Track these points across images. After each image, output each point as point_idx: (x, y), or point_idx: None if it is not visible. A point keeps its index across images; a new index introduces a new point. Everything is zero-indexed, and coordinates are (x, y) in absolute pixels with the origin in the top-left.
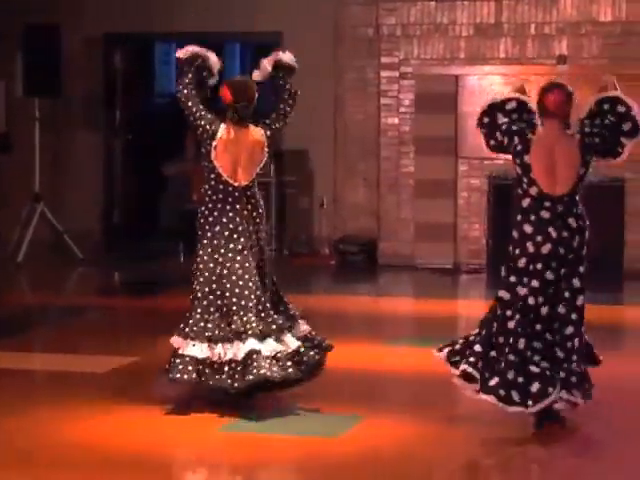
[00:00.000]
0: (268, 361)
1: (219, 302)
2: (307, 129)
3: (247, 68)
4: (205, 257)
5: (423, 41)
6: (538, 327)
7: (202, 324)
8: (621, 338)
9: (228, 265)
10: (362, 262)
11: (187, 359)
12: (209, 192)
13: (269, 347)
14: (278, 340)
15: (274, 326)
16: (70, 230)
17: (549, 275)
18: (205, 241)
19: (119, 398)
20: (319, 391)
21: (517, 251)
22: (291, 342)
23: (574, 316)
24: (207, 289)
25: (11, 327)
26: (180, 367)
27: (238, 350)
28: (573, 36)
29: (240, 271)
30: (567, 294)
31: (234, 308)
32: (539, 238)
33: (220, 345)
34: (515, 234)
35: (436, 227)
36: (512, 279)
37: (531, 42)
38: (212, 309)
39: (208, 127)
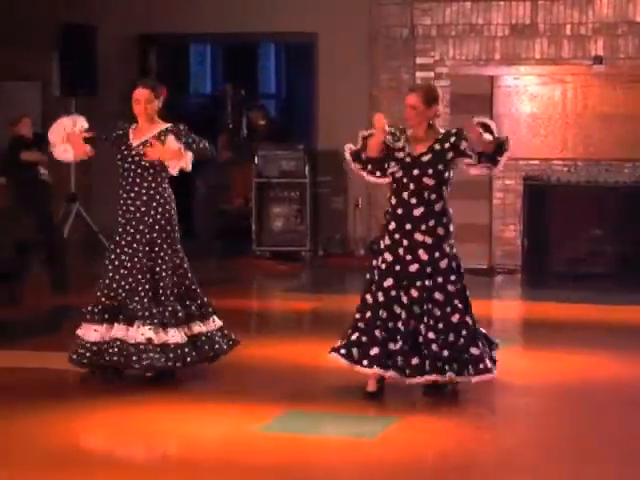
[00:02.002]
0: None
1: None
2: (342, 129)
3: (281, 69)
4: None
5: (458, 41)
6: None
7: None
8: None
9: None
10: None
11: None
12: None
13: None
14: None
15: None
16: (105, 229)
17: None
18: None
19: (149, 395)
20: (354, 392)
21: None
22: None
23: None
24: None
25: (49, 325)
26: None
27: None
28: (609, 36)
29: None
30: None
31: None
32: None
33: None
34: None
35: (471, 228)
36: None
37: (567, 42)
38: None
39: None
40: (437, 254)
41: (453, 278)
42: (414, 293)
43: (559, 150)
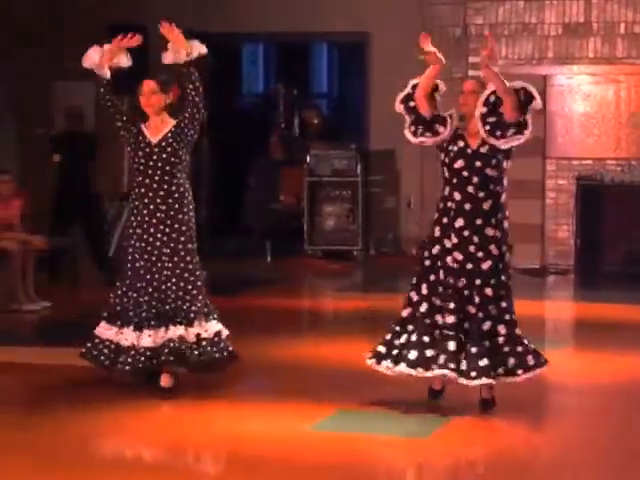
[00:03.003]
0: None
1: None
2: (394, 129)
3: (333, 68)
4: None
5: (511, 41)
6: None
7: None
8: None
9: None
10: None
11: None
12: None
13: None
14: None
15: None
16: None
17: None
18: None
19: (198, 396)
20: (406, 392)
21: None
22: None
23: None
24: None
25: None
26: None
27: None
28: None
29: None
30: None
31: None
32: None
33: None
34: None
35: (523, 228)
36: None
37: (621, 41)
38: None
39: None
40: (504, 248)
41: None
42: (489, 292)
43: (612, 150)
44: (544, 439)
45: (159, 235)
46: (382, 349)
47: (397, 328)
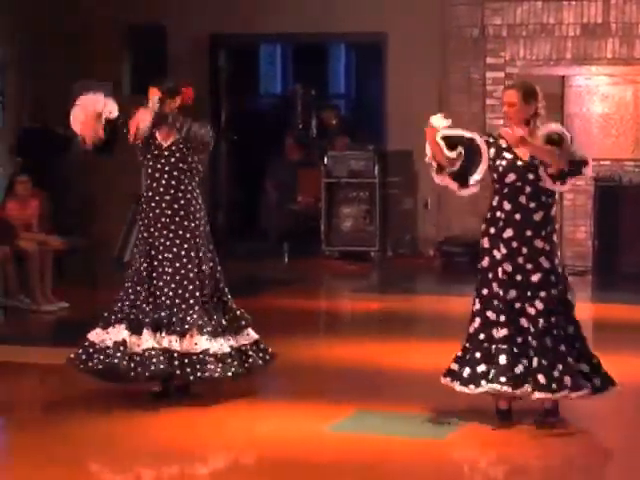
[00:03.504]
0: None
1: None
2: (411, 129)
3: (351, 69)
4: None
5: (529, 41)
6: None
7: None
8: None
9: None
10: (467, 263)
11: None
12: None
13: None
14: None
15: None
16: None
17: None
18: None
19: (222, 394)
20: (427, 392)
21: None
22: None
23: None
24: None
25: None
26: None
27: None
28: None
29: None
30: None
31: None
32: None
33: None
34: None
35: None
36: None
37: (639, 42)
38: None
39: None
40: (556, 261)
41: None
42: (539, 305)
43: (631, 151)
44: (558, 442)
45: (162, 240)
46: (454, 366)
47: (466, 344)
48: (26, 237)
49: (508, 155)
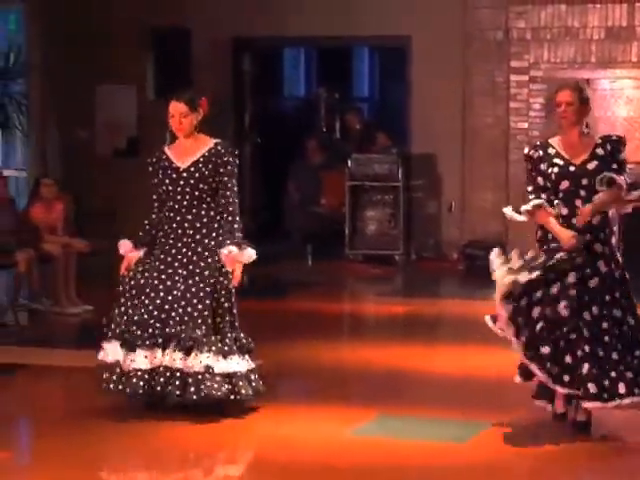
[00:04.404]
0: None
1: None
2: (435, 133)
3: (375, 72)
4: None
5: (553, 45)
6: None
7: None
8: None
9: None
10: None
11: None
12: None
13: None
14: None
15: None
16: None
17: None
18: None
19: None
20: (450, 397)
21: None
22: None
23: None
24: None
25: None
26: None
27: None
28: None
29: None
30: None
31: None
32: None
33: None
34: None
35: None
36: None
37: None
38: None
39: None
40: (613, 265)
41: (624, 291)
42: (595, 310)
43: None
44: (579, 445)
45: (179, 257)
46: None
47: None
48: (51, 240)
49: (559, 161)
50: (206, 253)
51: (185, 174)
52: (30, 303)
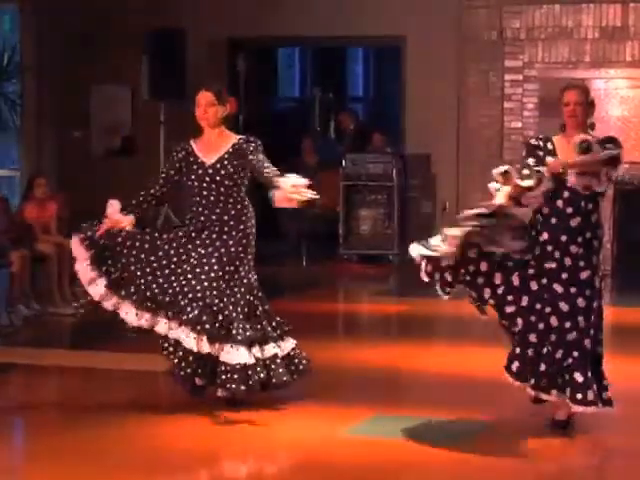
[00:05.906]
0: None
1: None
2: (430, 132)
3: (369, 72)
4: None
5: (548, 44)
6: None
7: None
8: None
9: None
10: None
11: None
12: None
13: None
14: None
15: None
16: None
17: None
18: None
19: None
20: (445, 396)
21: None
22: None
23: None
24: None
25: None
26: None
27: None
28: None
29: None
30: None
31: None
32: None
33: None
34: None
35: None
36: None
37: None
38: None
39: None
40: (582, 263)
41: (588, 293)
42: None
43: None
44: (580, 446)
45: (198, 242)
46: None
47: None
48: (44, 239)
49: (552, 159)
50: (230, 242)
51: (211, 170)
52: (23, 309)
